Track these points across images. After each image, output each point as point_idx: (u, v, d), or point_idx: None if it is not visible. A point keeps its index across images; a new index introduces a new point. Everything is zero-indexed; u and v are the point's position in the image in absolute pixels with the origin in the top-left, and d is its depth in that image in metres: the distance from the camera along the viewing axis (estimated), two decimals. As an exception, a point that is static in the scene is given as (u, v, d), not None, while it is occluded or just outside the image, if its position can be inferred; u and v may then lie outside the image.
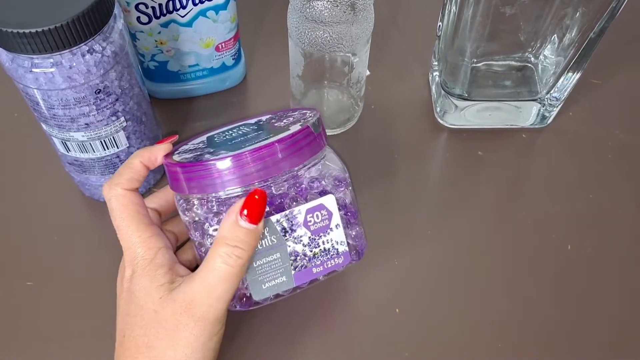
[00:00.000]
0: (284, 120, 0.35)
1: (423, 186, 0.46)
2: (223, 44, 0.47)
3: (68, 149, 0.38)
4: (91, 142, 0.38)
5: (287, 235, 0.32)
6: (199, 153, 0.32)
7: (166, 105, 0.49)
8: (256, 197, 0.29)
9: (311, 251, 0.33)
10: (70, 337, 0.38)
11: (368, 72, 0.46)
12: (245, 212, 0.29)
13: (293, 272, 0.33)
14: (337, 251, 0.33)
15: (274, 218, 0.31)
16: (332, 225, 0.33)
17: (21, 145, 0.47)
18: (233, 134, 0.35)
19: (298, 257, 0.32)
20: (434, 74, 0.50)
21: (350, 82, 0.44)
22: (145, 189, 0.44)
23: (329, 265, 0.34)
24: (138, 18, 0.43)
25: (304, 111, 0.36)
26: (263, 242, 0.31)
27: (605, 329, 0.39)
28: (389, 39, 0.55)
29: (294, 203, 0.32)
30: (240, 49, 0.50)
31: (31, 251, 0.41)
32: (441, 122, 0.49)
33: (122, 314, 0.31)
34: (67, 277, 0.40)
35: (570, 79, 0.46)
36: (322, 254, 0.33)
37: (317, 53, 0.41)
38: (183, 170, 0.31)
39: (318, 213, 0.32)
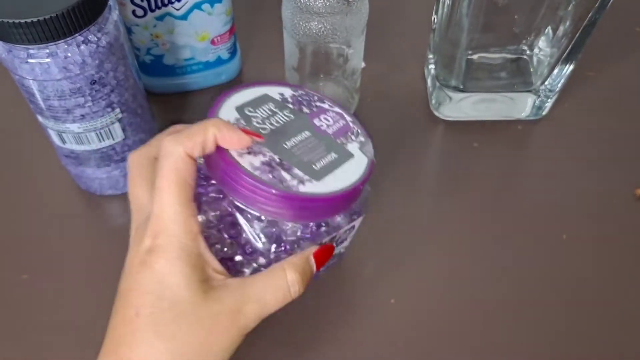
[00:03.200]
0: (323, 119, 0.34)
1: (418, 178, 0.46)
2: (218, 38, 0.47)
3: (64, 141, 0.38)
4: (87, 134, 0.38)
5: None
6: (261, 156, 0.30)
7: (162, 99, 0.49)
8: (327, 251, 0.31)
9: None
10: (67, 331, 0.38)
11: (363, 64, 0.46)
12: (314, 257, 0.30)
13: None
14: (340, 252, 0.36)
15: (325, 241, 0.33)
16: (349, 236, 0.35)
17: (17, 139, 0.47)
18: (274, 122, 0.32)
19: None
20: (430, 66, 0.50)
21: (345, 74, 0.44)
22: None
23: (330, 263, 0.35)
24: (133, 11, 0.43)
25: (334, 108, 0.35)
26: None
27: (601, 318, 0.39)
28: (384, 32, 0.55)
29: (337, 223, 0.33)
30: (235, 43, 0.50)
31: (27, 244, 0.41)
32: (437, 114, 0.49)
33: (139, 289, 0.27)
34: (63, 270, 0.40)
35: (564, 70, 0.46)
36: (334, 257, 0.35)
37: (311, 44, 0.41)
38: (262, 193, 0.29)
39: (349, 230, 0.34)
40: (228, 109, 0.32)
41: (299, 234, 0.32)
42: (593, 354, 0.37)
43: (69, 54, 0.33)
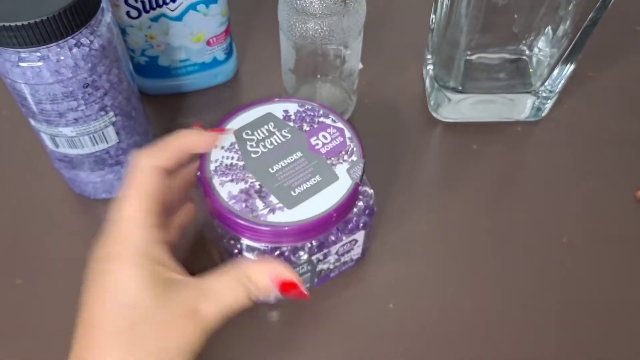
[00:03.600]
0: (321, 137, 0.34)
1: (417, 180, 0.45)
2: (214, 39, 0.46)
3: (57, 145, 0.38)
4: (80, 138, 0.37)
5: (319, 263, 0.35)
6: (243, 183, 0.32)
7: (157, 101, 0.49)
8: (294, 292, 0.30)
9: (334, 265, 0.37)
10: (60, 336, 0.37)
11: (361, 66, 0.46)
12: (279, 285, 0.29)
13: (315, 280, 0.37)
14: (352, 259, 0.38)
15: (314, 258, 0.34)
16: (356, 246, 0.37)
17: (9, 142, 0.47)
18: (267, 145, 0.34)
19: (322, 272, 0.37)
20: (428, 67, 0.49)
21: (342, 75, 0.44)
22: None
23: (343, 269, 0.39)
24: (128, 12, 0.42)
25: (337, 123, 0.35)
26: (298, 269, 0.34)
27: (602, 320, 0.38)
28: (382, 33, 0.54)
29: (330, 240, 0.34)
30: (231, 44, 0.49)
31: (20, 249, 0.41)
32: (435, 115, 0.49)
33: (98, 300, 0.28)
34: (57, 275, 0.40)
35: (564, 71, 0.45)
36: (342, 265, 0.38)
37: (308, 46, 0.40)
38: (233, 221, 0.31)
39: (348, 244, 0.35)
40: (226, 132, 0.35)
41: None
42: (594, 357, 0.37)
43: (61, 57, 0.32)
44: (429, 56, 0.49)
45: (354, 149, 0.34)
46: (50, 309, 0.38)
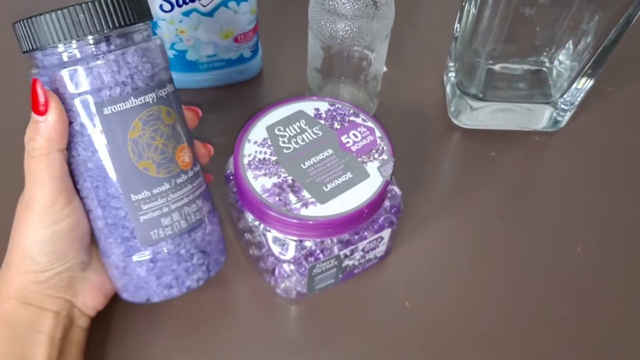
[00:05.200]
0: (352, 135, 0.35)
1: (436, 183, 0.46)
2: (242, 36, 0.47)
3: None
4: None
5: (345, 259, 0.36)
6: (275, 177, 0.33)
7: (181, 94, 0.49)
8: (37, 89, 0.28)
9: (359, 262, 0.38)
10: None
11: (385, 69, 0.47)
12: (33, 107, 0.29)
13: (340, 275, 0.38)
14: (376, 256, 0.39)
15: (342, 253, 0.35)
16: (381, 244, 0.37)
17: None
18: (299, 141, 0.35)
19: (347, 268, 0.37)
20: (450, 74, 0.50)
21: (367, 77, 0.45)
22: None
23: (367, 266, 0.40)
24: (161, 6, 0.43)
25: (368, 122, 0.36)
26: (324, 265, 0.35)
27: (614, 331, 0.39)
28: (405, 39, 0.55)
29: (357, 237, 0.35)
30: (258, 42, 0.50)
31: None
32: (455, 121, 0.49)
33: None
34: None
35: (584, 85, 0.46)
36: (366, 262, 0.39)
37: (336, 46, 0.41)
38: (267, 214, 0.32)
39: (374, 241, 0.36)
40: (259, 128, 0.36)
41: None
42: (605, 367, 0.37)
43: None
44: (451, 63, 0.50)
45: (385, 148, 0.34)
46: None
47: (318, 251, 0.34)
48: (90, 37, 0.29)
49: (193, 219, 0.32)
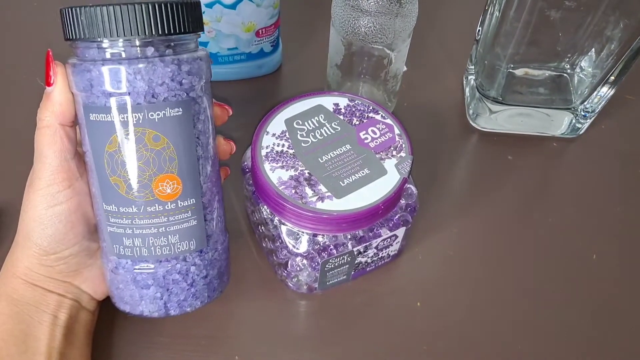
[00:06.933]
0: (370, 131, 0.35)
1: (452, 185, 0.46)
2: (263, 30, 0.47)
3: None
4: None
5: (358, 256, 0.36)
6: (292, 170, 0.33)
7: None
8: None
9: (372, 259, 0.38)
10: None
11: (405, 68, 0.46)
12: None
13: (352, 272, 0.38)
14: (389, 255, 0.39)
15: (355, 250, 0.34)
16: (395, 243, 0.37)
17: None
18: (317, 135, 0.35)
19: (360, 265, 0.37)
20: (469, 77, 0.50)
21: (387, 75, 0.45)
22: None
23: (379, 264, 0.39)
24: (184, -4, 0.43)
25: (387, 119, 0.36)
26: (336, 260, 0.35)
27: (628, 340, 0.38)
28: (426, 40, 0.55)
29: (371, 234, 0.35)
30: (279, 37, 0.50)
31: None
32: (473, 124, 0.49)
33: None
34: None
35: (606, 93, 0.46)
36: (379, 260, 0.38)
37: (358, 43, 0.41)
38: (282, 206, 0.32)
39: (388, 239, 0.36)
40: (278, 121, 0.36)
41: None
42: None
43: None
44: (471, 66, 0.50)
45: (403, 145, 0.34)
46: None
47: (332, 246, 0.34)
48: (137, 40, 0.28)
49: (158, 252, 0.30)
